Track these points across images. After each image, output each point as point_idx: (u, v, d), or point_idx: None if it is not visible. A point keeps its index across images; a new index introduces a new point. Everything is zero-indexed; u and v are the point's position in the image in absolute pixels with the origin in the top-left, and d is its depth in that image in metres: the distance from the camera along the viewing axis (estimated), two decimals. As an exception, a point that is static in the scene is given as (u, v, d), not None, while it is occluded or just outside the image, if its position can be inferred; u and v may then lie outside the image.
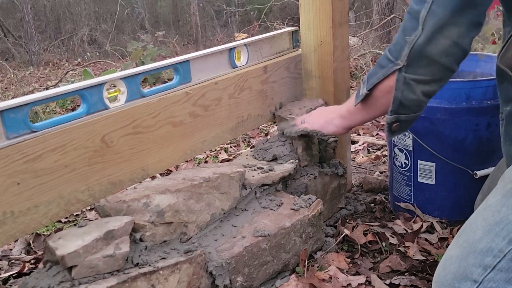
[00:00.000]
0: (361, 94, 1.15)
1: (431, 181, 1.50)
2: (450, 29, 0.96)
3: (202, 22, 10.72)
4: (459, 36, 0.97)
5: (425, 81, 1.04)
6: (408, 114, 1.11)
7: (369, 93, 1.13)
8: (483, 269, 0.79)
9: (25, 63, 9.05)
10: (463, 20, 0.95)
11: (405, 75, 1.04)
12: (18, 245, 1.65)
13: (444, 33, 0.96)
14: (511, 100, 0.97)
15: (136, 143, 1.13)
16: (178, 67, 1.24)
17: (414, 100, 1.07)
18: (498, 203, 0.84)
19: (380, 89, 1.11)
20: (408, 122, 1.14)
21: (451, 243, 0.89)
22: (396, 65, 1.04)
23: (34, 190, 0.94)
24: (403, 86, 1.05)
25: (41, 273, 0.91)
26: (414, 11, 0.99)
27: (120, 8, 10.77)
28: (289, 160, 1.39)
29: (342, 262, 1.33)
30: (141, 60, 4.85)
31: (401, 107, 1.09)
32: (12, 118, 0.90)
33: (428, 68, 1.02)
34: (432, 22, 0.96)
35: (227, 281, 1.10)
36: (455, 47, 0.98)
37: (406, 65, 1.02)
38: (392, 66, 1.05)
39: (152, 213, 1.03)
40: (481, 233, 0.82)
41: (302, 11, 1.55)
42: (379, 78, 1.09)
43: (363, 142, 2.48)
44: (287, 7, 10.02)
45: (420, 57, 1.01)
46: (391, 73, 1.06)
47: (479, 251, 0.80)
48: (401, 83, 1.05)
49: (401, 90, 1.06)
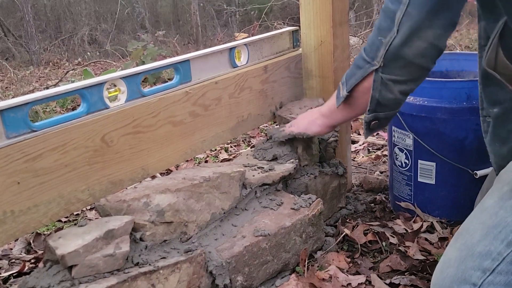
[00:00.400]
0: (342, 95, 1.16)
1: (431, 180, 1.50)
2: (426, 31, 0.96)
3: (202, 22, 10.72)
4: (435, 38, 0.97)
5: (402, 81, 1.05)
6: (386, 112, 1.13)
7: (349, 94, 1.14)
8: (482, 272, 0.79)
9: (26, 62, 9.05)
10: (439, 22, 0.96)
11: (382, 75, 1.05)
12: (18, 245, 1.65)
13: (420, 35, 0.97)
14: (499, 103, 0.97)
15: (136, 142, 1.13)
16: (178, 67, 1.24)
17: (391, 99, 1.09)
18: (495, 206, 0.84)
19: (359, 90, 1.12)
20: (386, 119, 1.16)
21: (449, 245, 0.89)
22: (373, 66, 1.05)
23: (34, 189, 0.94)
24: (380, 86, 1.06)
25: (41, 273, 0.91)
26: (390, 11, 0.99)
27: (121, 7, 10.77)
28: (289, 160, 1.39)
29: (342, 262, 1.33)
30: (142, 60, 4.85)
31: (379, 106, 1.10)
32: (12, 118, 0.90)
33: (404, 69, 1.03)
34: (408, 25, 0.96)
35: (227, 280, 1.10)
36: (431, 49, 0.99)
37: (382, 65, 1.03)
38: (369, 67, 1.06)
39: (152, 213, 1.03)
40: (479, 236, 0.82)
41: (302, 10, 1.55)
42: (357, 79, 1.10)
43: (364, 142, 2.48)
44: (287, 6, 10.02)
45: (396, 59, 1.01)
46: (369, 73, 1.07)
47: (478, 254, 0.80)
48: (378, 83, 1.06)
49: (379, 90, 1.07)
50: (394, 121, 1.55)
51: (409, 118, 1.47)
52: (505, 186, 0.86)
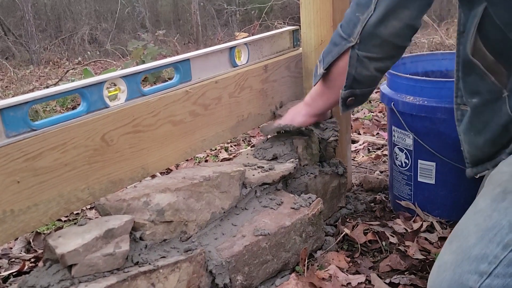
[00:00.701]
0: (319, 73, 1.17)
1: (431, 180, 1.50)
2: (403, 11, 0.97)
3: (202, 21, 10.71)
4: (410, 18, 0.99)
5: (377, 58, 1.06)
6: (363, 89, 1.14)
7: (327, 72, 1.15)
8: (479, 276, 0.78)
9: (26, 61, 9.04)
10: (415, 3, 0.97)
11: (358, 52, 1.05)
12: (18, 244, 1.65)
13: (396, 15, 0.98)
14: (478, 93, 0.97)
15: (136, 142, 1.13)
16: (179, 66, 1.24)
17: (367, 76, 1.10)
18: (489, 208, 0.83)
19: (336, 67, 1.13)
20: (363, 96, 1.17)
21: (443, 248, 0.88)
22: (349, 42, 1.06)
23: (34, 188, 0.94)
24: (356, 63, 1.07)
25: (41, 272, 0.91)
26: None
27: (121, 7, 10.76)
28: (289, 159, 1.39)
29: (342, 261, 1.33)
30: (142, 59, 4.85)
31: (355, 82, 1.11)
32: (12, 117, 0.90)
33: (379, 47, 1.04)
34: (385, 4, 0.97)
35: (227, 280, 1.10)
36: (406, 28, 1.00)
37: (358, 42, 1.04)
38: (345, 44, 1.07)
39: (152, 212, 1.03)
40: (474, 239, 0.81)
41: (302, 10, 1.55)
42: (334, 56, 1.10)
43: (364, 142, 2.47)
44: (287, 6, 10.01)
45: (372, 37, 1.02)
46: (345, 50, 1.08)
47: (474, 258, 0.79)
48: (354, 60, 1.07)
49: (355, 66, 1.08)
50: (394, 121, 1.55)
51: (409, 118, 1.47)
52: (497, 188, 0.85)
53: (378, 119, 2.88)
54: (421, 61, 1.74)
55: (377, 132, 2.64)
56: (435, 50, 4.73)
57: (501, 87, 0.93)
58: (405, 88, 1.48)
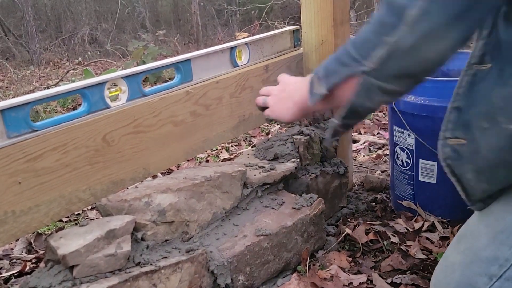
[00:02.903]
0: (318, 93, 0.98)
1: (432, 180, 1.50)
2: (441, 41, 0.78)
3: (203, 21, 10.72)
4: (447, 50, 0.80)
5: (390, 91, 0.86)
6: (356, 120, 0.98)
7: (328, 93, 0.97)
8: (488, 279, 0.76)
9: (26, 62, 9.05)
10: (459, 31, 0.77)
11: (372, 80, 0.85)
12: (19, 245, 1.65)
13: (434, 44, 0.78)
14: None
15: (137, 142, 1.12)
16: (180, 66, 1.23)
17: (369, 109, 0.93)
18: (502, 210, 0.81)
19: (339, 89, 0.93)
20: (352, 126, 1.03)
21: (450, 249, 0.86)
22: (362, 66, 0.85)
23: (35, 189, 0.93)
24: (365, 93, 0.88)
25: (43, 273, 0.91)
26: (398, 6, 0.78)
27: (121, 7, 10.77)
28: (291, 159, 1.39)
29: (343, 261, 1.33)
30: (142, 59, 4.85)
31: (353, 113, 0.93)
32: (13, 117, 0.90)
33: (399, 79, 0.84)
34: (422, 28, 0.76)
35: (229, 280, 1.10)
36: (439, 63, 0.82)
37: (376, 68, 0.83)
38: (356, 67, 0.86)
39: (154, 212, 1.03)
40: (485, 241, 0.79)
41: (303, 10, 1.55)
42: (342, 78, 0.91)
43: (365, 141, 2.47)
44: (288, 6, 10.01)
45: (395, 65, 0.82)
46: (355, 74, 0.87)
47: (484, 260, 0.78)
48: (363, 89, 0.87)
49: (362, 96, 0.89)
50: (395, 121, 1.55)
51: (410, 117, 1.47)
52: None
53: (379, 118, 2.88)
54: (422, 60, 1.73)
55: (378, 132, 2.64)
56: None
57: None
58: (406, 87, 1.48)
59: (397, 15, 0.78)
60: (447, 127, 0.89)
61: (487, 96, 0.84)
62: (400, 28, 0.78)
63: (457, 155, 0.88)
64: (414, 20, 0.76)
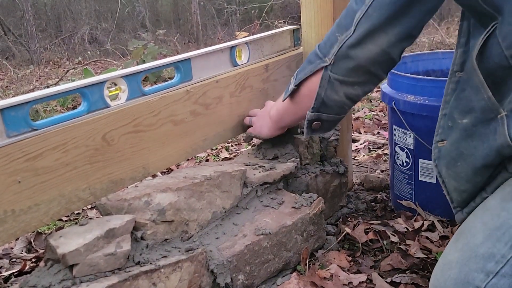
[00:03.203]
0: (289, 89, 1.14)
1: (432, 180, 1.50)
2: (381, 36, 0.95)
3: (203, 21, 10.72)
4: (388, 45, 0.96)
5: (348, 82, 1.02)
6: (330, 114, 1.10)
7: (297, 89, 1.12)
8: (485, 275, 0.76)
9: (26, 61, 9.04)
10: (395, 29, 0.94)
11: (330, 73, 1.02)
12: (19, 244, 1.65)
13: (375, 40, 0.95)
14: (471, 111, 0.90)
15: (137, 141, 1.12)
16: (179, 66, 1.23)
17: (336, 101, 1.06)
18: (498, 207, 0.82)
19: (306, 86, 1.10)
20: (329, 123, 1.13)
21: (448, 247, 0.87)
22: (324, 62, 1.03)
23: (35, 188, 0.94)
24: (327, 85, 1.04)
25: (42, 272, 0.91)
26: (352, 10, 0.97)
27: (121, 6, 10.76)
28: (290, 159, 1.39)
29: (343, 261, 1.33)
30: (142, 59, 4.85)
31: (323, 106, 1.07)
32: (13, 116, 0.90)
33: (353, 71, 1.00)
34: (365, 26, 0.95)
35: (228, 279, 1.10)
36: (383, 55, 0.97)
37: (332, 63, 1.01)
38: (319, 63, 1.04)
39: (153, 212, 1.03)
40: (482, 238, 0.80)
41: (303, 9, 1.55)
42: (306, 74, 1.08)
43: (364, 141, 2.47)
44: (288, 5, 10.01)
45: (347, 58, 0.99)
46: (318, 69, 1.04)
47: (481, 257, 0.78)
48: (325, 81, 1.04)
49: (325, 88, 1.04)
50: (395, 120, 1.55)
51: (410, 117, 1.47)
52: (507, 187, 0.84)
53: (378, 118, 2.88)
54: (422, 60, 1.74)
55: (378, 131, 2.64)
56: (435, 49, 4.73)
57: (498, 105, 0.85)
58: (406, 87, 1.48)
59: (351, 17, 0.97)
60: (437, 132, 0.99)
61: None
62: (350, 28, 0.97)
63: (439, 154, 0.98)
64: (359, 21, 0.95)
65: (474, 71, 0.89)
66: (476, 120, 0.89)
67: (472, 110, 0.89)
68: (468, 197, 0.95)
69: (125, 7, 10.98)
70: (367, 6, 0.94)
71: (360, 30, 0.95)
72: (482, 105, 0.87)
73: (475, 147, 0.89)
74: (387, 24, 0.93)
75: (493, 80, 0.86)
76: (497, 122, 0.85)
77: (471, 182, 0.91)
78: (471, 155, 0.90)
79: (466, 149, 0.91)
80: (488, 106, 0.86)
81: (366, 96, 3.44)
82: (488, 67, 0.86)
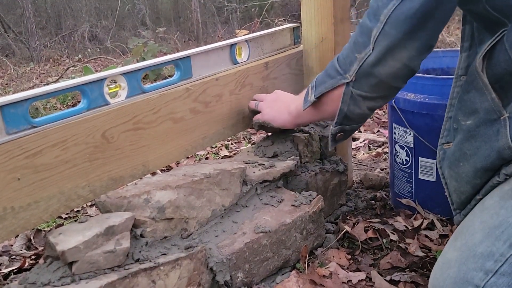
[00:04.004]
0: (310, 100, 1.17)
1: (432, 178, 1.50)
2: (401, 52, 0.96)
3: (203, 19, 10.71)
4: (409, 59, 0.97)
5: (371, 97, 1.05)
6: (352, 125, 1.15)
7: (317, 100, 1.15)
8: (484, 274, 0.77)
9: (26, 59, 9.04)
10: (415, 43, 0.95)
11: (353, 90, 1.05)
12: (18, 241, 1.65)
13: (395, 56, 0.96)
14: (475, 112, 0.91)
15: (136, 139, 1.12)
16: (179, 63, 1.23)
17: (359, 114, 1.10)
18: (496, 205, 0.82)
19: (327, 98, 1.13)
20: (351, 131, 1.18)
21: (447, 245, 0.87)
22: (345, 79, 1.05)
23: (35, 185, 0.94)
24: (349, 100, 1.07)
25: (42, 269, 0.91)
26: (367, 28, 0.98)
27: (121, 4, 10.75)
28: (290, 157, 1.39)
29: (342, 259, 1.33)
30: (142, 57, 4.85)
31: (346, 119, 1.11)
32: (13, 113, 0.90)
33: (375, 87, 1.03)
34: (384, 44, 0.96)
35: (228, 277, 1.10)
36: (404, 69, 0.99)
37: (354, 80, 1.03)
38: (340, 79, 1.06)
39: (153, 209, 1.03)
40: (480, 237, 0.80)
41: (303, 7, 1.54)
42: (327, 88, 1.10)
43: (364, 139, 2.47)
44: (288, 3, 10.00)
45: (368, 76, 1.01)
46: (339, 85, 1.07)
47: (480, 255, 0.78)
48: (348, 97, 1.06)
49: (348, 103, 1.07)
50: (395, 118, 1.55)
51: (410, 115, 1.47)
52: (506, 185, 0.84)
53: (378, 116, 2.88)
54: (422, 58, 1.73)
55: (378, 130, 2.64)
56: (436, 47, 4.73)
57: (501, 107, 0.86)
58: (406, 85, 1.48)
59: (367, 35, 0.98)
60: (443, 135, 1.02)
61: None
62: (368, 46, 0.98)
63: (444, 156, 1.00)
64: (376, 38, 0.96)
65: (477, 73, 0.90)
66: (480, 121, 0.90)
67: (476, 112, 0.91)
68: (466, 199, 0.96)
69: (125, 4, 10.98)
70: (382, 23, 0.94)
71: (379, 48, 0.96)
72: (485, 106, 0.88)
73: (478, 148, 0.90)
74: (406, 39, 0.94)
75: (501, 85, 0.87)
76: (500, 123, 0.86)
77: (470, 184, 0.92)
78: (474, 156, 0.91)
79: (469, 149, 0.92)
80: (492, 108, 0.87)
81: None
82: (496, 73, 0.87)
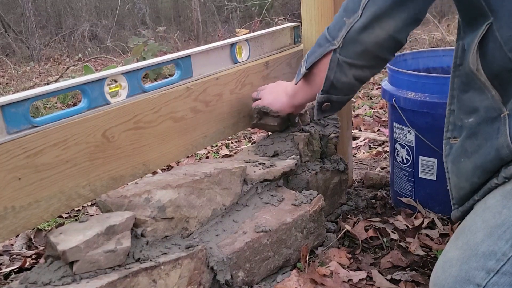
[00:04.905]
0: (301, 73, 1.17)
1: (432, 177, 1.50)
2: (387, 21, 0.96)
3: (203, 18, 10.70)
4: (395, 30, 0.97)
5: (357, 65, 1.05)
6: (339, 96, 1.13)
7: (308, 71, 1.15)
8: (486, 273, 0.77)
9: (26, 58, 9.04)
10: (402, 14, 0.95)
11: (339, 56, 1.05)
12: (19, 240, 1.66)
13: (382, 25, 0.96)
14: (475, 111, 0.91)
15: (137, 138, 1.12)
16: (180, 62, 1.23)
17: (345, 83, 1.09)
18: (498, 205, 0.82)
19: (317, 68, 1.12)
20: (339, 104, 1.16)
21: (449, 244, 0.87)
22: (332, 45, 1.05)
23: (35, 185, 0.94)
24: (336, 67, 1.06)
25: (43, 268, 0.91)
26: None
27: (121, 3, 10.75)
28: (291, 156, 1.39)
29: (343, 258, 1.33)
30: (142, 56, 4.85)
31: (333, 88, 1.10)
32: (13, 113, 0.90)
33: (361, 55, 1.03)
34: (371, 10, 0.96)
35: (228, 276, 1.10)
36: (390, 40, 0.99)
37: (341, 46, 1.03)
38: (328, 46, 1.06)
39: (153, 209, 1.03)
40: (482, 236, 0.80)
41: (303, 6, 1.54)
42: (317, 57, 1.10)
43: (365, 138, 2.47)
44: (288, 2, 9.99)
45: (355, 42, 1.01)
46: (327, 52, 1.07)
47: (481, 254, 0.78)
48: (334, 64, 1.06)
49: (334, 71, 1.07)
50: (395, 117, 1.54)
51: (410, 114, 1.47)
52: (508, 185, 0.84)
53: (379, 115, 2.88)
54: (422, 57, 1.73)
55: (378, 129, 2.64)
56: (436, 46, 4.72)
57: (501, 104, 0.86)
58: (407, 84, 1.48)
59: (358, 1, 0.98)
60: (448, 128, 1.01)
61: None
62: (357, 12, 0.98)
63: (450, 151, 1.00)
64: (365, 4, 0.96)
65: (473, 74, 0.89)
66: (481, 119, 0.90)
67: (477, 110, 0.91)
68: (464, 196, 0.96)
69: (125, 4, 10.97)
70: None
71: (367, 14, 0.97)
72: (486, 104, 0.88)
73: (479, 145, 0.90)
74: (394, 9, 0.94)
75: (500, 82, 0.87)
76: (500, 121, 0.86)
77: (469, 182, 0.92)
78: (475, 153, 0.91)
79: (470, 147, 0.92)
80: (492, 105, 0.87)
81: (366, 94, 3.44)
82: (493, 70, 0.87)
